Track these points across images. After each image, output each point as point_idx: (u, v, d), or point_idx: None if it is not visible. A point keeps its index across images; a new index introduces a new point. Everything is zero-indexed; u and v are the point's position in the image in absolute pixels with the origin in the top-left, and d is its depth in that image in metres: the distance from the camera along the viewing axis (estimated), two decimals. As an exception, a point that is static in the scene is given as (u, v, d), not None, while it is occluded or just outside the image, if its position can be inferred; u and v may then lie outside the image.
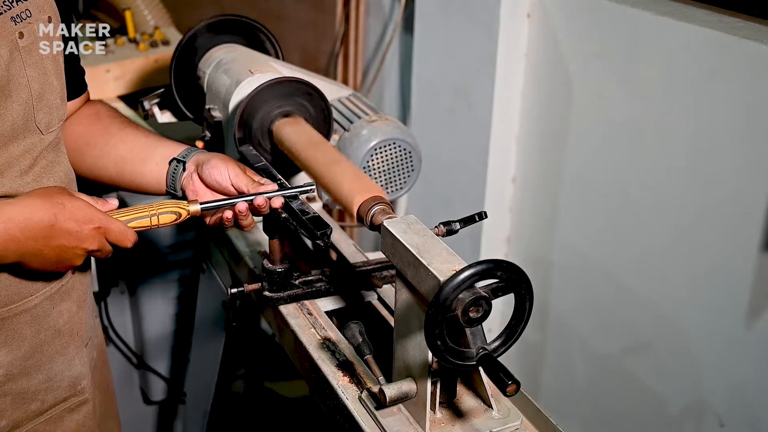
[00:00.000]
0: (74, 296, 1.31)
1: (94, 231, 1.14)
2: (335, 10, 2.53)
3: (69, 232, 1.12)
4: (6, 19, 1.12)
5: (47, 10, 1.19)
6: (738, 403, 1.74)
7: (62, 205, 1.11)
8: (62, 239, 1.12)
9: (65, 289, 1.28)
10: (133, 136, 1.36)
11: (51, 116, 1.20)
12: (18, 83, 1.14)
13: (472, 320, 0.98)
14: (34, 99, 1.16)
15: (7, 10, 1.12)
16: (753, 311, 1.66)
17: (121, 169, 1.35)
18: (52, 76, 1.20)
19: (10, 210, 1.09)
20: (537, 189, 2.12)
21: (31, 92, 1.16)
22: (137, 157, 1.34)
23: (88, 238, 1.14)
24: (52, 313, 1.27)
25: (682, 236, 1.76)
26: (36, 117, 1.17)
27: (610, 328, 1.99)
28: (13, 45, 1.13)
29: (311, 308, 1.40)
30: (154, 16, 2.61)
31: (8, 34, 1.12)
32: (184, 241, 2.09)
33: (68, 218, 1.11)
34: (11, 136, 1.14)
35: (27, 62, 1.15)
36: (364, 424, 1.16)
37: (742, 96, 1.59)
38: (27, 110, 1.16)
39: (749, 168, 1.61)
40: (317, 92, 1.53)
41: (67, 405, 1.34)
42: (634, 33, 1.76)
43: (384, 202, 1.20)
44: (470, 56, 2.09)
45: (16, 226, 1.08)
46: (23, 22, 1.14)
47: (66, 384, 1.32)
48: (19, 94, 1.14)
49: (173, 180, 1.32)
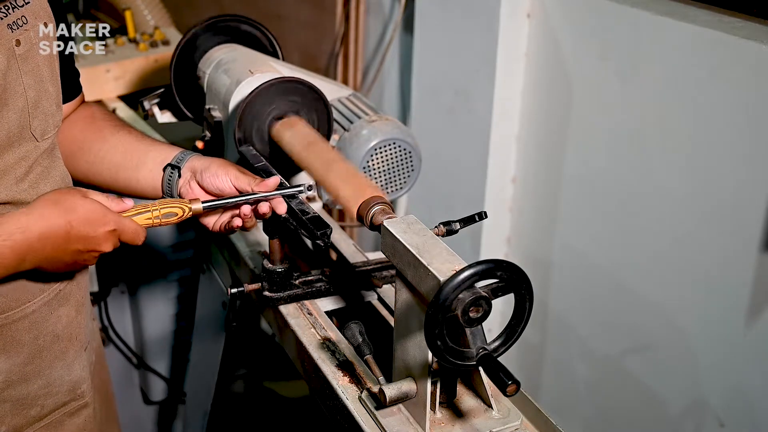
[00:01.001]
0: (72, 301, 1.31)
1: (109, 234, 1.14)
2: (335, 10, 2.53)
3: (85, 236, 1.12)
4: (3, 26, 1.11)
5: (43, 16, 1.18)
6: (738, 404, 1.74)
7: (75, 210, 1.11)
8: (78, 244, 1.12)
9: (63, 294, 1.28)
10: (126, 140, 1.35)
11: (46, 123, 1.20)
12: (14, 91, 1.13)
13: (472, 320, 0.98)
14: (30, 107, 1.16)
15: (3, 18, 1.11)
16: (753, 311, 1.66)
17: (115, 175, 1.35)
18: (48, 82, 1.19)
19: (27, 220, 1.08)
20: (537, 189, 2.12)
21: (27, 100, 1.15)
22: (130, 162, 1.34)
23: (103, 241, 1.14)
24: (51, 318, 1.26)
25: (682, 236, 1.76)
26: (31, 125, 1.17)
27: (610, 328, 1.99)
28: (10, 53, 1.12)
29: (311, 308, 1.40)
30: (154, 16, 2.61)
31: (5, 42, 1.11)
32: (184, 241, 2.09)
33: (83, 222, 1.11)
34: (6, 145, 1.14)
35: (23, 70, 1.14)
36: (364, 424, 1.16)
37: (742, 96, 1.59)
38: (23, 118, 1.15)
39: (749, 168, 1.61)
40: (317, 92, 1.52)
41: (67, 409, 1.33)
42: (634, 33, 1.76)
43: (384, 202, 1.20)
44: (470, 56, 2.09)
45: (34, 235, 1.08)
46: (20, 29, 1.14)
47: (66, 389, 1.32)
48: (16, 102, 1.14)
49: (169, 186, 1.31)
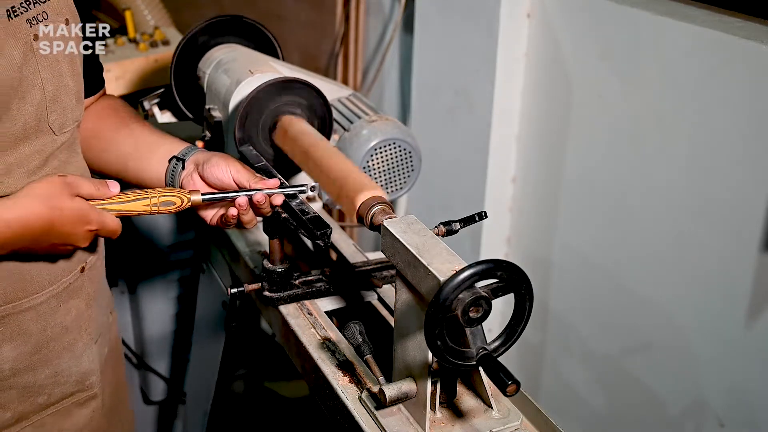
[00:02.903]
0: (83, 294, 1.32)
1: (89, 233, 1.17)
2: (335, 10, 2.53)
3: (65, 234, 1.14)
4: (22, 20, 1.12)
5: (65, 12, 1.19)
6: (738, 404, 1.74)
7: (60, 210, 1.12)
8: (54, 239, 1.15)
9: (73, 287, 1.29)
10: (139, 132, 1.37)
11: (65, 117, 1.21)
12: (32, 84, 1.14)
13: (472, 320, 0.98)
14: (48, 100, 1.17)
15: (24, 12, 1.12)
16: (753, 311, 1.66)
17: (124, 165, 1.36)
18: (68, 77, 1.20)
19: (8, 213, 1.09)
20: (537, 189, 2.12)
21: (45, 94, 1.16)
22: (140, 153, 1.35)
23: (82, 239, 1.17)
24: (60, 310, 1.27)
25: (682, 236, 1.76)
26: (49, 118, 1.18)
27: (610, 328, 1.99)
28: (28, 47, 1.13)
29: (311, 308, 1.40)
30: (154, 16, 2.61)
31: (23, 36, 1.12)
32: (184, 241, 2.09)
33: (65, 222, 1.13)
34: (23, 137, 1.15)
35: (42, 64, 1.15)
36: (364, 424, 1.16)
37: (742, 96, 1.59)
38: (40, 111, 1.16)
39: (749, 168, 1.61)
40: (317, 92, 1.53)
41: (75, 399, 1.35)
42: (634, 33, 1.76)
43: (384, 202, 1.20)
44: (470, 56, 2.09)
45: (11, 230, 1.10)
46: (39, 24, 1.15)
47: (74, 379, 1.33)
48: (33, 96, 1.15)
49: (172, 177, 1.32)
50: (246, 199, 1.24)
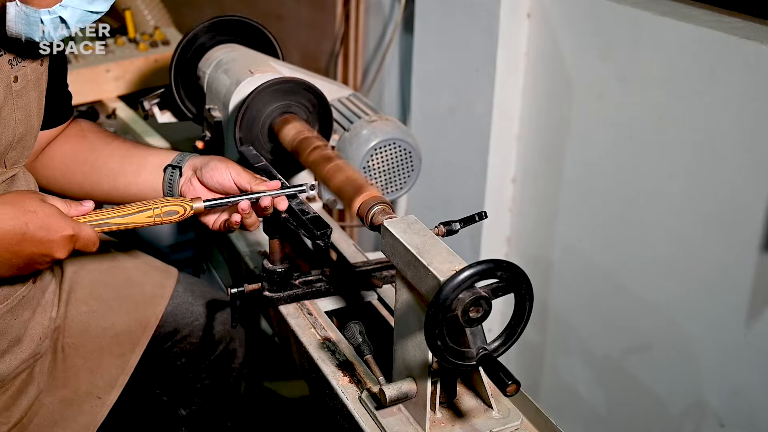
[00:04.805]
0: (33, 304, 1.30)
1: (66, 239, 1.10)
2: (335, 10, 2.53)
3: (40, 240, 1.09)
4: (4, 61, 1.12)
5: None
6: (738, 404, 1.74)
7: (34, 213, 1.08)
8: (32, 247, 1.09)
9: (26, 299, 1.28)
10: (122, 148, 1.36)
11: (21, 155, 1.21)
12: (6, 125, 1.14)
13: (472, 320, 0.98)
14: (15, 141, 1.17)
15: (3, 54, 1.12)
16: (753, 312, 1.66)
17: (113, 182, 1.34)
18: (35, 117, 1.21)
19: None
20: (537, 189, 2.12)
21: (15, 135, 1.16)
22: (129, 168, 1.34)
23: (58, 247, 1.10)
24: (15, 324, 1.26)
25: (683, 236, 1.76)
26: (8, 155, 1.18)
27: (610, 328, 1.99)
28: (8, 89, 1.13)
29: (311, 308, 1.40)
30: (154, 16, 2.61)
31: (4, 78, 1.12)
32: (184, 241, 2.09)
33: (40, 227, 1.08)
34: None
35: (17, 105, 1.15)
36: (364, 424, 1.16)
37: (742, 96, 1.59)
38: (4, 150, 1.16)
39: (749, 168, 1.61)
40: (317, 92, 1.53)
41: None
42: (634, 33, 1.76)
43: (384, 202, 1.20)
44: (470, 56, 2.09)
45: None
46: (18, 65, 1.14)
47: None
48: (6, 136, 1.15)
49: (170, 186, 1.31)
50: (248, 203, 1.23)
